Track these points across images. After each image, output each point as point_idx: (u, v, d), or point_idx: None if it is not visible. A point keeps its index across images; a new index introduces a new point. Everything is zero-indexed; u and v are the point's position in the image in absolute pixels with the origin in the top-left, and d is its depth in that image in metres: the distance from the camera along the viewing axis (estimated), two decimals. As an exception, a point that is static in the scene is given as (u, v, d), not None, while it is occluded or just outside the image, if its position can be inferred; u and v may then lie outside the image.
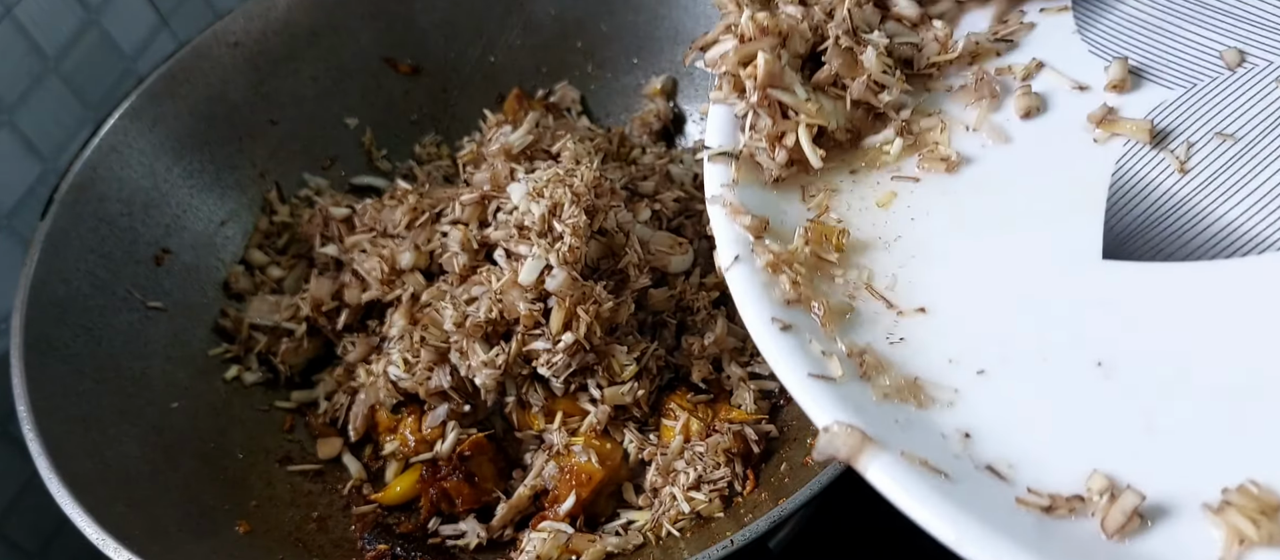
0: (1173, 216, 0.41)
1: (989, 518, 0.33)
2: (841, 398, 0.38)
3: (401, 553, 0.61)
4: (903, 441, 0.36)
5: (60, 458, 0.56)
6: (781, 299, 0.42)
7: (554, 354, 0.61)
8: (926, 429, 0.38)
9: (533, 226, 0.61)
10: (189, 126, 0.75)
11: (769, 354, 0.41)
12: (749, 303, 0.43)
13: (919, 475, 0.34)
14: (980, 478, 0.35)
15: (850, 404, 0.38)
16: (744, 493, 0.59)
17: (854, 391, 0.39)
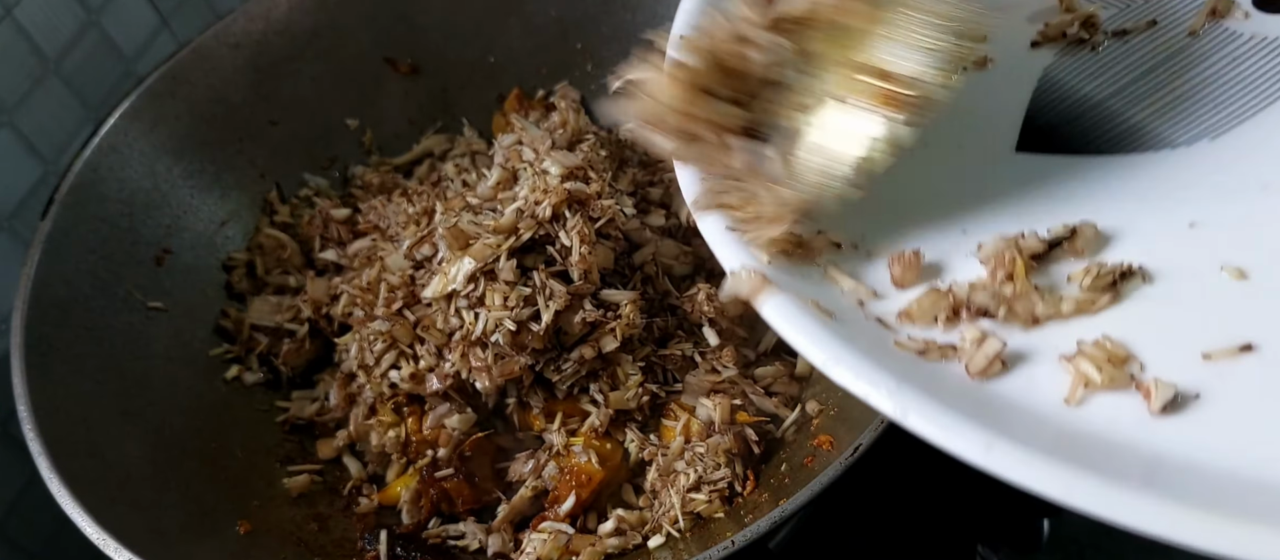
0: (1087, 117, 0.45)
1: (866, 351, 0.35)
2: (752, 251, 0.40)
3: (401, 553, 0.61)
4: (801, 290, 0.38)
5: (60, 458, 0.56)
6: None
7: (564, 363, 0.61)
8: (828, 285, 0.40)
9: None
10: (189, 127, 0.75)
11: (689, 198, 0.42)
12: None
13: (809, 313, 0.37)
14: (867, 324, 0.39)
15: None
16: (744, 493, 0.59)
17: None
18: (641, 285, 0.64)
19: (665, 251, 0.65)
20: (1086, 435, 0.33)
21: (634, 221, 0.64)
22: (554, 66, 0.83)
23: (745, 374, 0.64)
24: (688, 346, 0.64)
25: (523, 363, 0.61)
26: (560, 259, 0.62)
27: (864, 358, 0.34)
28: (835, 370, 0.35)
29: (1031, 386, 0.36)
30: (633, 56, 0.48)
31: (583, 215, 0.62)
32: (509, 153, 0.68)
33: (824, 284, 0.40)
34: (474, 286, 0.61)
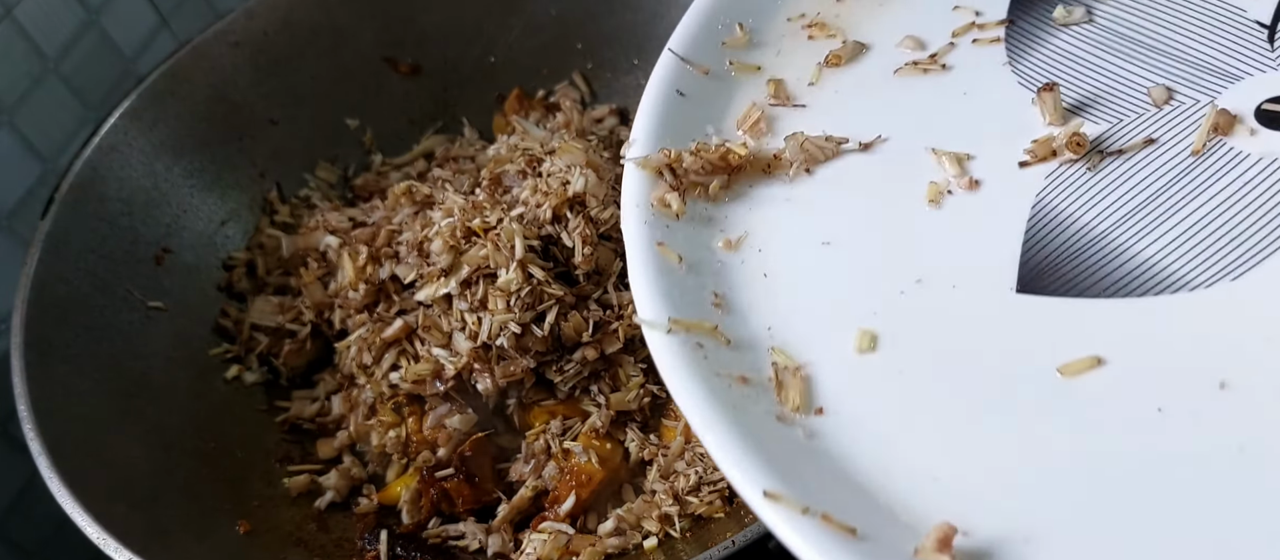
0: (1090, 251, 0.41)
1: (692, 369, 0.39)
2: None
3: (401, 553, 0.61)
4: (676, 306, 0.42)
5: (60, 458, 0.56)
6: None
7: (567, 364, 0.61)
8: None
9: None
10: (189, 126, 0.75)
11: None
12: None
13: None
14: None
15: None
16: (744, 493, 0.59)
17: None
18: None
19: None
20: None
21: None
22: (555, 66, 0.83)
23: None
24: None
25: (526, 365, 0.61)
26: (562, 260, 0.62)
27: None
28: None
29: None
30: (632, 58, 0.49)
31: (584, 216, 0.62)
32: (510, 153, 0.68)
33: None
34: (475, 289, 0.61)
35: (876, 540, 0.33)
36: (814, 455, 0.37)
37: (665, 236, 0.45)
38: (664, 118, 0.51)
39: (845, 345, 0.41)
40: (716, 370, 0.40)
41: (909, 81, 0.51)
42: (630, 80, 0.82)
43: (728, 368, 0.40)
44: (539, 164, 0.65)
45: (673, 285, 0.43)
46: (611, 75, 0.83)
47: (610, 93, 0.83)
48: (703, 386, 0.39)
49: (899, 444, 0.37)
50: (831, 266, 0.44)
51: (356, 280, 0.67)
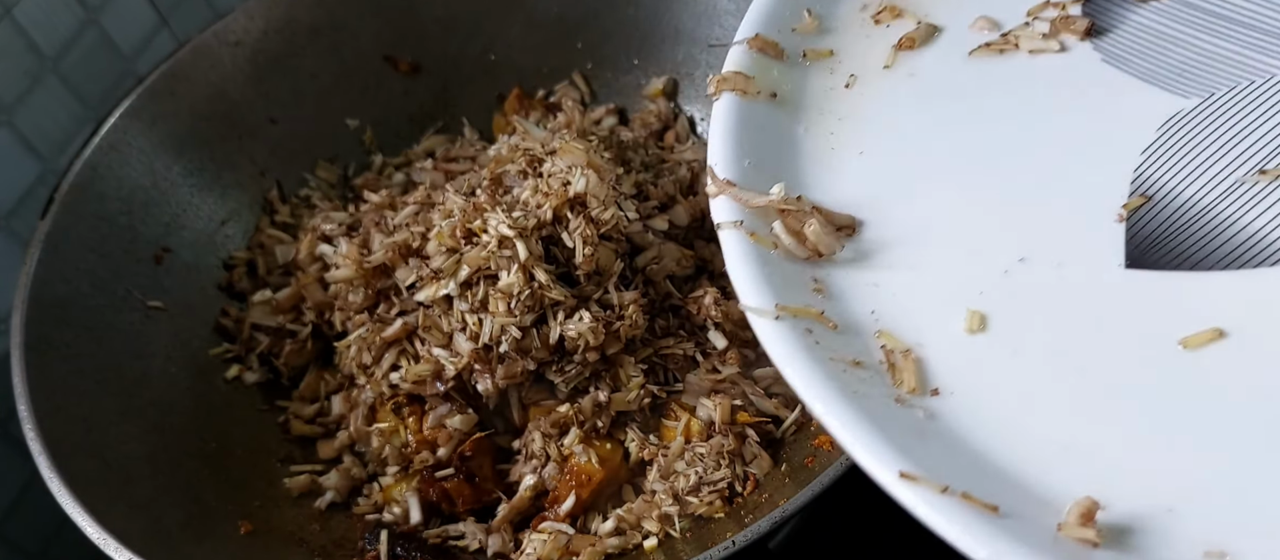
0: (1196, 225, 0.41)
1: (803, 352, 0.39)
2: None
3: (401, 553, 0.61)
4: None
5: (60, 458, 0.56)
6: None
7: (567, 364, 0.61)
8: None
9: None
10: (189, 125, 0.75)
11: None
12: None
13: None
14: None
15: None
16: (744, 493, 0.59)
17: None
18: (643, 286, 0.64)
19: (668, 254, 0.65)
20: None
21: (636, 224, 0.64)
22: (555, 65, 0.83)
23: (746, 374, 0.64)
24: (689, 346, 0.64)
25: (527, 366, 0.61)
26: (562, 261, 0.62)
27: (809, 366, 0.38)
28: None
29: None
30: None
31: (585, 216, 0.62)
32: (510, 153, 0.68)
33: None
34: (475, 290, 0.61)
35: (1019, 517, 0.33)
36: (938, 435, 0.37)
37: (757, 226, 0.45)
38: (743, 120, 0.50)
39: (954, 326, 0.41)
40: (829, 355, 0.40)
41: (986, 62, 0.51)
42: (630, 80, 0.82)
43: (839, 352, 0.40)
44: (540, 164, 0.65)
45: (773, 272, 0.43)
46: (611, 75, 0.83)
47: (610, 93, 0.83)
48: (820, 371, 0.39)
49: (1024, 421, 0.37)
50: (930, 249, 0.44)
51: (356, 280, 0.67)
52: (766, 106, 0.51)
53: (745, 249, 0.44)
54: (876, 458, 0.35)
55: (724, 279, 0.68)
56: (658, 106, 0.80)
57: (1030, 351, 0.39)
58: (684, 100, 0.81)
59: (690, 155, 0.74)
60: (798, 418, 0.62)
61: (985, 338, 0.40)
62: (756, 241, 0.44)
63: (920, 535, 0.35)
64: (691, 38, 0.79)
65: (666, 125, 0.80)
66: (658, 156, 0.73)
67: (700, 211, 0.70)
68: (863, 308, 0.43)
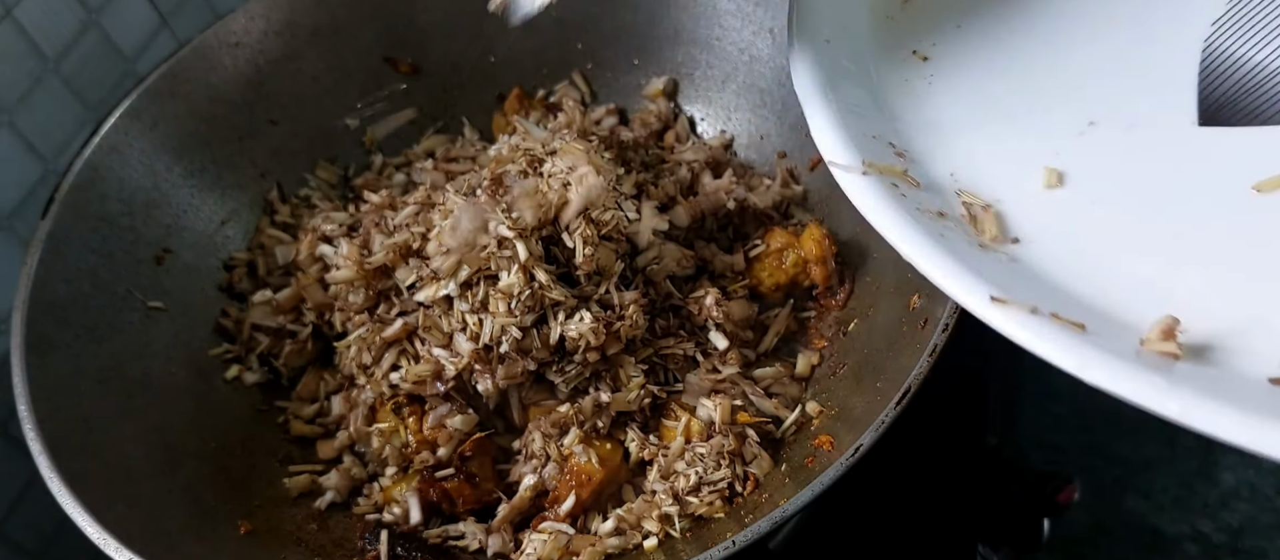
0: (1268, 85, 0.43)
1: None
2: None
3: (402, 553, 0.61)
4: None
5: (61, 458, 0.56)
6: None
7: (567, 364, 0.61)
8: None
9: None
10: (189, 126, 0.75)
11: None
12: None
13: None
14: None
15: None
16: (744, 493, 0.59)
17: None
18: (644, 286, 0.64)
19: (668, 255, 0.65)
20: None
21: (636, 225, 0.64)
22: (555, 66, 0.83)
23: (745, 374, 0.64)
24: (689, 346, 0.64)
25: (527, 366, 0.61)
26: (563, 261, 0.62)
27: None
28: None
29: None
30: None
31: (585, 216, 0.62)
32: (511, 153, 0.68)
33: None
34: (476, 290, 0.61)
35: (1104, 334, 0.36)
36: (1022, 274, 0.41)
37: (836, 96, 0.48)
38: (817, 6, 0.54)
39: (1032, 183, 0.44)
40: (916, 205, 0.43)
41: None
42: (630, 80, 0.82)
43: (925, 204, 0.43)
44: (540, 164, 0.65)
45: (857, 133, 0.46)
46: (611, 75, 0.83)
47: (610, 93, 0.83)
48: (908, 219, 0.42)
49: (1104, 261, 0.40)
50: (1002, 112, 0.47)
51: (356, 280, 0.67)
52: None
53: (828, 104, 0.47)
54: (966, 286, 0.38)
55: (724, 278, 0.68)
56: (658, 106, 0.80)
57: (1108, 201, 0.43)
58: (684, 100, 0.81)
59: (690, 156, 0.74)
60: (798, 418, 0.62)
61: (1063, 192, 0.44)
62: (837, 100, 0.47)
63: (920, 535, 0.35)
64: (691, 38, 0.80)
65: (666, 125, 0.80)
66: (658, 156, 0.73)
67: (700, 212, 0.70)
68: (943, 169, 0.46)
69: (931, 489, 0.74)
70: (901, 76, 0.52)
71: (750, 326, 0.67)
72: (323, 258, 0.72)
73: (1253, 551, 1.07)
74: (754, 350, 0.66)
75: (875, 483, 0.68)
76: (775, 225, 0.70)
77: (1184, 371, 0.35)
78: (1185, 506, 1.11)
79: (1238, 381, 0.35)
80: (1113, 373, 0.34)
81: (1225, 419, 0.32)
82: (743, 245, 0.70)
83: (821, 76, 0.50)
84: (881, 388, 0.57)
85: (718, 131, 0.80)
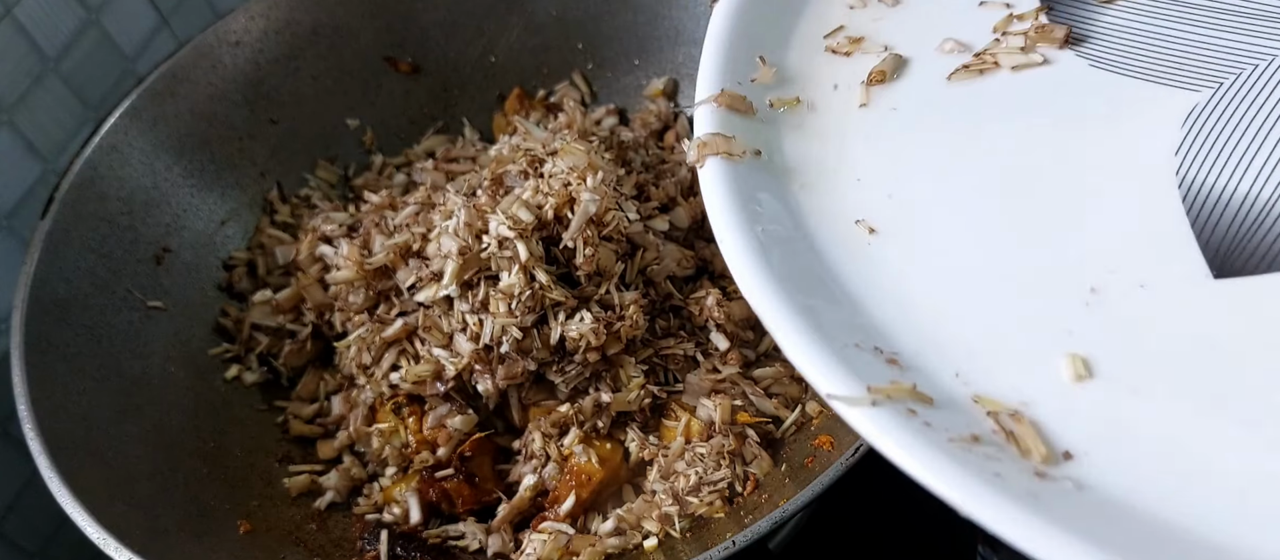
0: (1267, 222, 0.38)
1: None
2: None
3: (401, 553, 0.61)
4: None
5: (60, 457, 0.56)
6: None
7: (567, 365, 0.61)
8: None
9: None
10: (189, 125, 0.75)
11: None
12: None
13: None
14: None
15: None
16: (744, 493, 0.59)
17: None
18: (644, 286, 0.64)
19: (668, 255, 0.65)
20: None
21: (637, 225, 0.64)
22: (555, 66, 0.83)
23: (746, 374, 0.64)
24: (690, 346, 0.64)
25: (527, 367, 0.61)
26: (563, 261, 0.62)
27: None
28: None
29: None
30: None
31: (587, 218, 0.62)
32: (511, 153, 0.68)
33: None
34: (476, 290, 0.61)
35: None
36: (1095, 504, 0.33)
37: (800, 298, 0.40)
38: (738, 188, 0.45)
39: (1055, 375, 0.36)
40: (946, 437, 0.35)
41: (968, 85, 0.47)
42: (630, 80, 0.82)
43: (953, 431, 0.35)
44: (541, 165, 0.65)
45: (840, 346, 0.38)
46: (611, 75, 0.83)
47: (610, 93, 0.83)
48: (948, 460, 0.33)
49: (1181, 466, 0.33)
50: (980, 287, 0.40)
51: (357, 281, 0.67)
52: (757, 168, 0.46)
53: (803, 323, 0.39)
54: (1076, 553, 0.30)
55: (725, 279, 0.68)
56: (658, 107, 0.80)
57: (1152, 387, 0.35)
58: (684, 100, 0.81)
59: (691, 156, 0.74)
60: (798, 418, 0.62)
61: (1097, 383, 0.36)
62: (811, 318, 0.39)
63: (920, 535, 0.35)
64: (691, 39, 0.80)
65: (666, 125, 0.80)
66: (658, 157, 0.73)
67: (701, 213, 0.70)
68: (946, 372, 0.38)
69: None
70: (847, 253, 0.43)
71: (750, 327, 0.67)
72: (323, 258, 0.72)
73: (1252, 552, 1.07)
74: (754, 350, 0.66)
75: (875, 482, 0.68)
76: (775, 225, 0.70)
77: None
78: (1185, 507, 1.11)
79: None
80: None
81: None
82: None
83: (772, 276, 0.41)
84: (881, 388, 0.57)
85: (718, 131, 0.80)
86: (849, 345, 0.38)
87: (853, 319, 0.40)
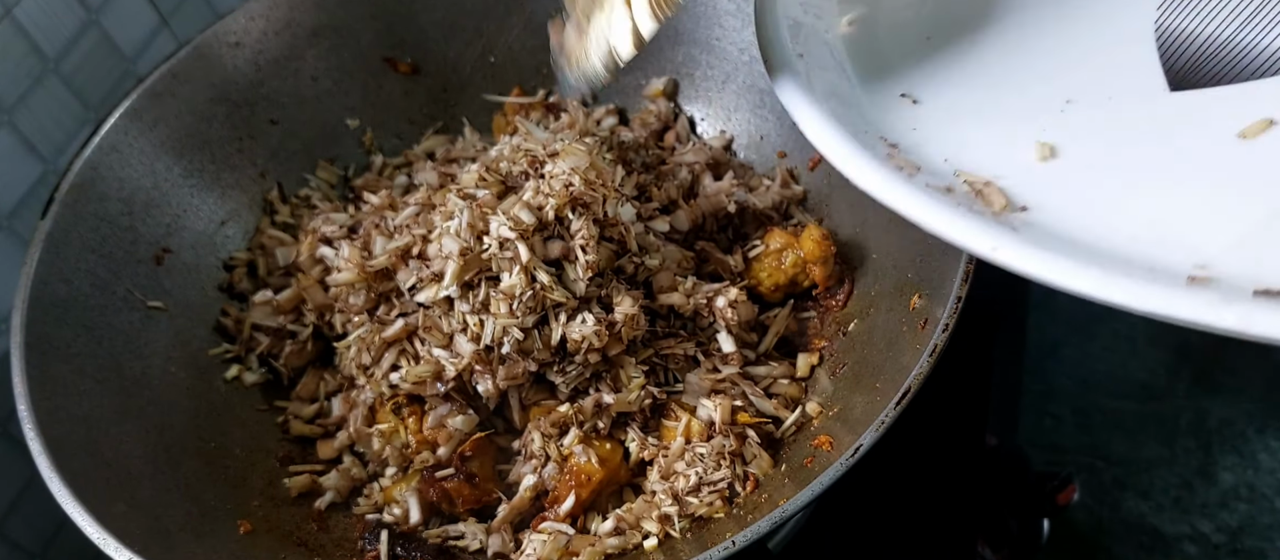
0: (1225, 52, 0.47)
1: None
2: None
3: (401, 553, 0.61)
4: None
5: (60, 458, 0.56)
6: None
7: (568, 365, 0.61)
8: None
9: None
10: (189, 126, 0.75)
11: None
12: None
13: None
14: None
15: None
16: (744, 493, 0.59)
17: None
18: (644, 287, 0.64)
19: (669, 255, 0.65)
20: None
21: (638, 226, 0.64)
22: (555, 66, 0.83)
23: (746, 374, 0.64)
24: (690, 346, 0.64)
25: (528, 367, 0.61)
26: (564, 261, 0.62)
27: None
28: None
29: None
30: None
31: (588, 217, 0.62)
32: (512, 154, 0.68)
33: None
34: (477, 291, 0.61)
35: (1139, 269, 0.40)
36: (1038, 233, 0.43)
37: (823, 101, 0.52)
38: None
39: (1025, 158, 0.47)
40: (924, 183, 0.46)
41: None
42: (630, 80, 0.82)
43: (931, 182, 0.46)
44: (541, 165, 0.65)
45: (852, 128, 0.50)
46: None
47: (610, 93, 0.83)
48: (920, 192, 0.45)
49: (1112, 220, 0.43)
50: (982, 105, 0.51)
51: (358, 283, 0.67)
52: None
53: (818, 110, 0.50)
54: (989, 240, 0.41)
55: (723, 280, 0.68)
56: (658, 107, 0.80)
57: (1105, 164, 0.46)
58: (684, 100, 0.81)
59: (691, 157, 0.74)
60: (798, 418, 0.62)
61: (1058, 162, 0.47)
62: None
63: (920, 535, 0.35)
64: (691, 39, 0.80)
65: (666, 125, 0.80)
66: (658, 157, 0.73)
67: (701, 215, 0.70)
68: (936, 156, 0.49)
69: (931, 489, 0.74)
70: (878, 86, 0.55)
71: (751, 327, 0.67)
72: (323, 260, 0.72)
73: (1252, 552, 1.07)
74: (754, 350, 0.66)
75: (875, 483, 0.68)
76: (775, 225, 0.70)
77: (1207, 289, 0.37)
78: (1184, 507, 1.11)
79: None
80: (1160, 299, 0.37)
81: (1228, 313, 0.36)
82: (742, 245, 0.70)
83: (804, 85, 0.52)
84: (881, 388, 0.57)
85: (718, 131, 0.80)
86: (859, 129, 0.50)
87: (867, 118, 0.52)
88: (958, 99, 0.52)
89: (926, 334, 0.54)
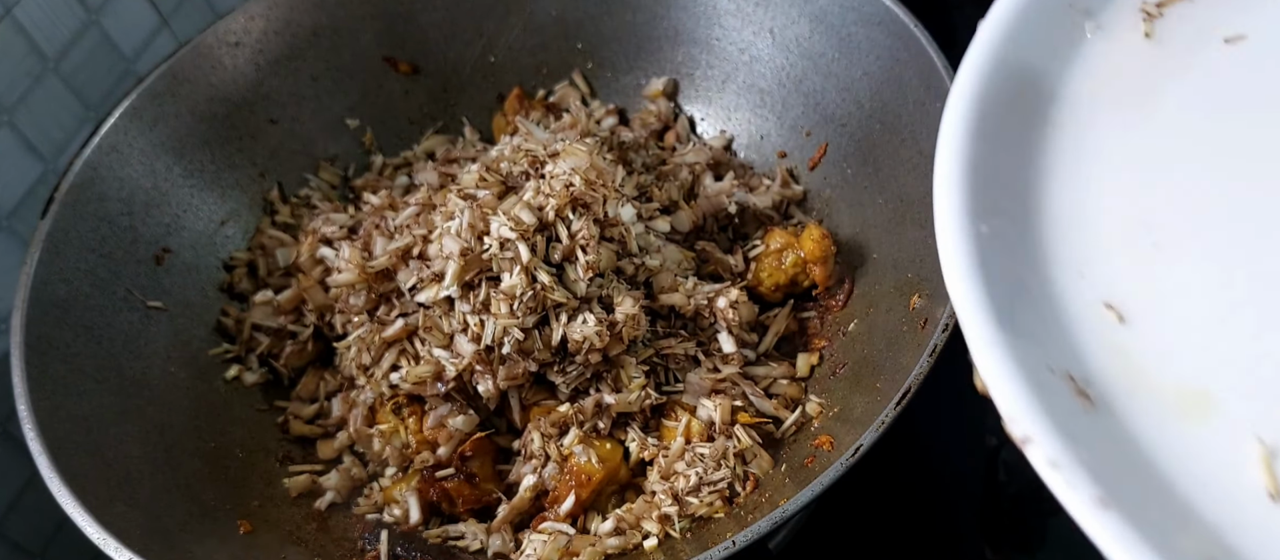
0: None
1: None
2: None
3: (401, 553, 0.61)
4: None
5: (60, 457, 0.56)
6: None
7: (568, 365, 0.61)
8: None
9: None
10: (189, 126, 0.75)
11: None
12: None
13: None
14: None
15: None
16: (744, 493, 0.59)
17: None
18: (645, 287, 0.64)
19: (669, 255, 0.65)
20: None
21: (638, 226, 0.64)
22: (555, 66, 0.83)
23: (746, 374, 0.64)
24: (690, 345, 0.64)
25: (528, 368, 0.61)
26: (564, 262, 0.62)
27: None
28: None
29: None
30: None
31: (588, 218, 0.62)
32: (512, 154, 0.68)
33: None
34: (477, 291, 0.61)
35: None
36: None
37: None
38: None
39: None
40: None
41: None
42: (630, 80, 0.82)
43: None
44: (542, 166, 0.65)
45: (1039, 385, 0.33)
46: (611, 75, 0.83)
47: (610, 93, 0.83)
48: None
49: None
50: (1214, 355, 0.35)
51: (358, 283, 0.67)
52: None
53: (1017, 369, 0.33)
54: None
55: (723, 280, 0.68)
56: (658, 107, 0.80)
57: None
58: (684, 100, 0.81)
59: (691, 158, 0.74)
60: (798, 418, 0.62)
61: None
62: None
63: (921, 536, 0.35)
64: (691, 38, 0.80)
65: (666, 125, 0.80)
66: (658, 157, 0.73)
67: (702, 216, 0.70)
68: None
69: (931, 489, 0.74)
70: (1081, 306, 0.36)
71: (751, 327, 0.67)
72: (324, 260, 0.72)
73: (1252, 552, 1.07)
74: (754, 350, 0.66)
75: (875, 482, 0.68)
76: (775, 225, 0.70)
77: None
78: (1185, 507, 1.11)
79: None
80: None
81: None
82: (742, 245, 0.70)
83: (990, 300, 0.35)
84: (881, 388, 0.57)
85: (718, 131, 0.80)
86: (1043, 367, 0.34)
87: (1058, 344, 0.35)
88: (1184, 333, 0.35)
89: (926, 334, 0.54)
